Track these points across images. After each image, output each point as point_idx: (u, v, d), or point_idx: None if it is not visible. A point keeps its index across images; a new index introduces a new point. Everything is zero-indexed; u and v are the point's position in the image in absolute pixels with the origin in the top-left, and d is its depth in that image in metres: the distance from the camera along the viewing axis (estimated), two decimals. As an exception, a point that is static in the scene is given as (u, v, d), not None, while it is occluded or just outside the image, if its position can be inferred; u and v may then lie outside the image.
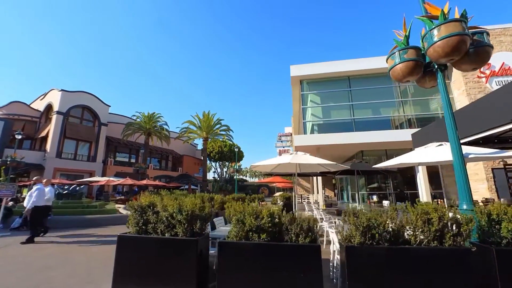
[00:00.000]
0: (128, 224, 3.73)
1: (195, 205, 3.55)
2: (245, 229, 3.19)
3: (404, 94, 15.15)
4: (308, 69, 15.47)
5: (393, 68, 5.14)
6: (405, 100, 15.08)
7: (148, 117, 29.69)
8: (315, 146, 14.75)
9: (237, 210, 3.30)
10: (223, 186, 42.42)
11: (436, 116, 14.97)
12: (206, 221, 3.53)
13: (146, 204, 3.71)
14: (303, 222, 3.20)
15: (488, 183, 12.56)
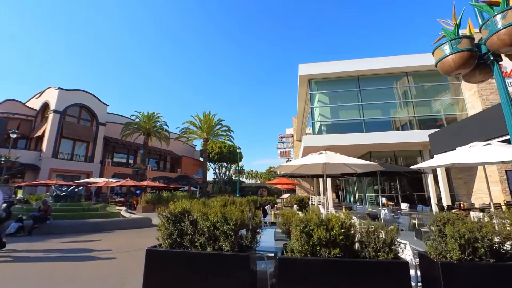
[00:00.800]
0: (159, 236, 3.00)
1: (242, 212, 2.85)
2: (312, 243, 2.52)
3: (410, 96, 14.73)
4: (317, 68, 14.92)
5: (443, 60, 4.54)
6: (413, 101, 14.64)
7: (148, 117, 28.75)
8: (324, 146, 14.15)
9: (300, 219, 2.62)
10: (222, 187, 41.57)
11: (439, 117, 14.59)
12: (257, 232, 2.84)
13: (179, 211, 2.99)
14: (384, 233, 2.55)
15: (502, 186, 12.15)
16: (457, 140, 8.63)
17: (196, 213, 2.91)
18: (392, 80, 15.02)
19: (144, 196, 16.48)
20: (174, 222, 2.90)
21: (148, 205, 16.49)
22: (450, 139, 9.11)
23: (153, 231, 8.83)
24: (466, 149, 5.42)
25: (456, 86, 14.46)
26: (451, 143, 9.09)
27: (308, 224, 2.57)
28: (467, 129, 8.36)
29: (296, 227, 2.57)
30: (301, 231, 2.54)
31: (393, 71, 14.84)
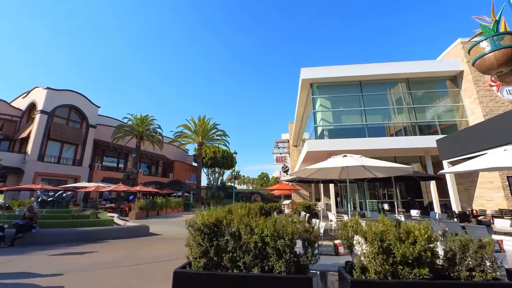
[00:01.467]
0: (188, 254, 2.36)
1: (296, 223, 2.27)
2: (393, 261, 1.97)
3: (412, 102, 14.66)
4: (319, 72, 14.65)
5: (484, 57, 4.30)
6: (414, 108, 14.56)
7: (141, 120, 27.74)
8: (327, 151, 13.78)
9: (374, 231, 2.07)
10: (215, 193, 40.57)
11: (440, 123, 14.56)
12: (315, 247, 2.26)
13: (212, 222, 2.37)
14: (478, 248, 2.03)
15: (504, 192, 12.07)
16: (471, 145, 8.42)
17: (236, 224, 2.30)
18: (393, 86, 14.95)
19: (137, 202, 15.48)
20: (209, 236, 2.28)
21: (142, 212, 15.49)
22: (463, 145, 8.88)
23: (153, 241, 8.05)
24: (502, 153, 5.07)
25: (456, 93, 14.50)
26: (464, 148, 8.88)
27: (386, 238, 2.02)
28: (481, 134, 8.14)
29: (372, 242, 2.02)
30: (379, 246, 1.99)
31: (394, 77, 14.77)
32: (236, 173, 24.23)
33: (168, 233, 9.35)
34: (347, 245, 2.30)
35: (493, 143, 7.24)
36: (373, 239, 2.04)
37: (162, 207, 18.45)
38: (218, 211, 2.59)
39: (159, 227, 11.02)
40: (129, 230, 8.56)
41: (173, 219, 15.28)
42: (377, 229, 2.10)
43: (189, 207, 24.54)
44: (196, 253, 2.26)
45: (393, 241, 2.01)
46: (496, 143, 7.03)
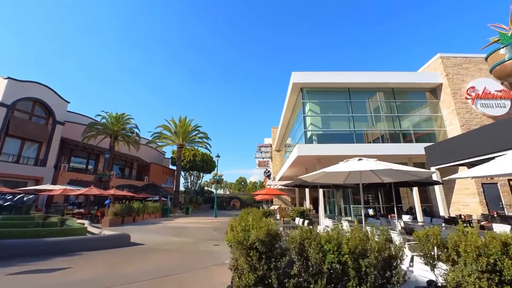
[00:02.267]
0: (238, 284, 1.75)
1: (369, 236, 1.79)
2: (498, 280, 1.57)
3: (396, 110, 15.17)
4: (310, 77, 14.61)
5: (504, 63, 4.31)
6: (399, 116, 15.08)
7: (116, 118, 25.74)
8: (317, 156, 13.68)
9: (475, 244, 1.66)
10: (194, 198, 39.01)
11: (420, 131, 15.23)
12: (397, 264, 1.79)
13: (262, 237, 1.80)
14: None
15: (479, 198, 12.78)
16: (461, 152, 8.70)
17: (298, 239, 1.76)
18: (380, 94, 15.38)
19: (112, 207, 14.02)
20: (265, 256, 1.70)
21: (117, 218, 14.05)
22: (451, 152, 9.16)
23: (136, 252, 6.97)
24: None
25: (435, 104, 15.28)
26: (453, 156, 9.17)
27: (489, 253, 1.62)
28: (471, 142, 8.43)
29: (477, 258, 1.60)
30: (487, 263, 1.58)
31: (380, 86, 15.20)
32: (218, 177, 23.33)
33: (151, 243, 8.38)
34: (430, 261, 1.87)
35: (482, 151, 7.49)
36: (476, 255, 1.63)
37: (139, 213, 17.01)
38: (263, 223, 2.01)
39: (139, 235, 9.93)
40: (107, 239, 7.47)
41: (152, 226, 14.06)
42: (476, 242, 1.69)
43: (167, 212, 23.07)
44: (249, 281, 1.66)
45: (499, 256, 1.61)
46: (485, 151, 7.27)
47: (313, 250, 1.66)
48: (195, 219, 20.59)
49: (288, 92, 16.07)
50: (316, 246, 1.68)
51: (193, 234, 10.83)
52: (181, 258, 6.14)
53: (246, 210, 6.17)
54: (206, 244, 8.08)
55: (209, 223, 16.73)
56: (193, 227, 14.02)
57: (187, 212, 27.22)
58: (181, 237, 9.70)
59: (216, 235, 10.41)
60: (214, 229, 12.96)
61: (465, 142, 8.93)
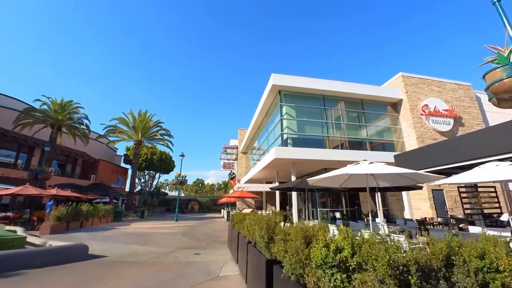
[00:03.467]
0: None
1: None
2: None
3: (364, 120, 16.19)
4: (289, 80, 14.59)
5: (502, 81, 4.71)
6: (366, 125, 16.10)
7: (61, 105, 22.03)
8: (292, 159, 13.65)
9: None
10: (148, 199, 35.87)
11: (380, 141, 16.58)
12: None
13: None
14: None
15: (430, 202, 14.34)
16: (430, 160, 9.56)
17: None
18: (350, 103, 16.23)
19: (54, 211, 11.63)
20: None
21: (60, 223, 11.70)
22: (421, 160, 9.99)
23: (101, 267, 5.57)
24: (494, 167, 5.54)
25: (395, 117, 16.78)
26: (419, 164, 10.01)
27: None
28: (441, 151, 9.28)
29: None
30: None
31: (350, 96, 16.04)
32: (182, 178, 21.71)
33: (115, 254, 7.01)
34: None
35: (452, 159, 8.28)
36: None
37: (88, 217, 14.61)
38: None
39: (96, 245, 8.29)
40: (59, 252, 5.92)
41: (107, 233, 12.13)
42: None
43: (120, 216, 20.50)
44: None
45: None
46: (447, 162, 8.06)
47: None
48: (153, 223, 18.69)
49: (265, 94, 15.81)
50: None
51: (161, 241, 9.57)
52: (164, 273, 5.16)
53: (253, 216, 5.47)
54: (185, 254, 7.10)
55: (172, 227, 15.28)
56: (156, 233, 12.54)
57: (142, 216, 24.73)
58: (150, 246, 8.44)
59: (190, 242, 9.38)
60: (182, 234, 11.77)
61: (429, 153, 9.85)
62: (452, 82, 17.69)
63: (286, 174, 19.14)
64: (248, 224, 5.46)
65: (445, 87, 17.32)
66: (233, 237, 6.93)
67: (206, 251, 7.58)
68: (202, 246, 8.54)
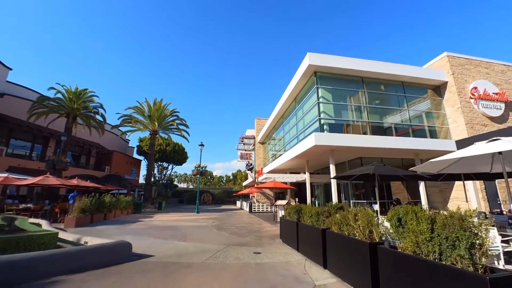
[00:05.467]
0: None
1: None
2: None
3: (406, 105, 14.65)
4: (326, 59, 13.07)
5: None
6: (408, 111, 14.55)
7: (76, 94, 20.93)
8: (332, 147, 12.29)
9: None
10: (163, 191, 35.08)
11: (423, 128, 15.03)
12: None
13: None
14: None
15: (482, 194, 12.89)
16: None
17: None
18: (392, 87, 14.68)
19: (78, 202, 10.58)
20: None
21: (85, 216, 10.67)
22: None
23: (151, 272, 3.98)
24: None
25: (437, 102, 15.17)
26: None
27: None
28: None
29: None
30: None
31: (390, 78, 14.47)
32: (202, 168, 20.59)
33: (159, 252, 5.85)
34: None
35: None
36: None
37: (111, 209, 13.62)
38: None
39: (132, 240, 7.14)
40: (100, 252, 4.76)
41: (134, 226, 11.07)
42: None
43: (140, 208, 19.59)
44: None
45: None
46: None
47: None
48: (175, 215, 17.69)
49: (297, 76, 14.36)
50: None
51: (201, 236, 8.42)
52: (240, 281, 3.96)
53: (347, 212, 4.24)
54: (242, 252, 5.90)
55: (198, 220, 14.21)
56: (186, 226, 11.42)
57: (160, 207, 23.84)
58: (193, 242, 7.28)
59: (233, 238, 8.19)
60: (216, 228, 10.62)
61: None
62: (501, 63, 15.92)
63: (317, 163, 17.82)
64: (341, 220, 4.20)
65: (493, 68, 15.57)
66: (303, 233, 5.68)
67: (264, 249, 6.37)
68: (252, 242, 7.34)
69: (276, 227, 10.97)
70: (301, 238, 5.71)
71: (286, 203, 12.21)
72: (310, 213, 5.49)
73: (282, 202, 12.22)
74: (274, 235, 8.69)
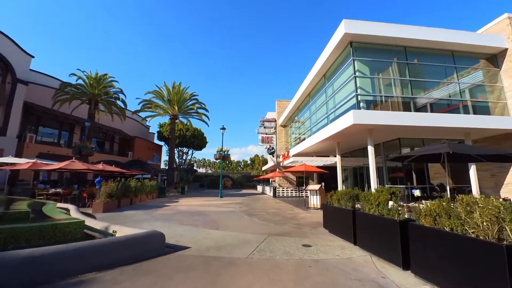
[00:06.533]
0: None
1: None
2: None
3: (456, 78, 12.71)
4: (365, 26, 11.42)
5: None
6: (459, 84, 12.64)
7: (96, 79, 20.67)
8: (371, 126, 10.94)
9: None
10: (184, 176, 35.35)
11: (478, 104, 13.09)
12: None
13: None
14: None
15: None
16: None
17: None
18: (441, 58, 12.75)
19: (104, 187, 10.27)
20: None
21: (112, 201, 10.38)
22: None
23: (187, 271, 3.06)
24: None
25: (492, 74, 13.06)
26: None
27: None
28: None
29: None
30: None
31: (437, 46, 12.52)
32: (224, 152, 19.98)
33: (195, 242, 5.17)
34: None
35: None
36: None
37: (137, 194, 13.39)
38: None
39: (162, 227, 6.55)
40: (131, 245, 4.10)
41: (161, 211, 10.67)
42: None
43: (164, 192, 19.53)
44: None
45: None
46: None
47: None
48: (199, 200, 17.39)
49: (329, 49, 12.84)
50: None
51: (233, 224, 7.72)
52: (307, 285, 3.10)
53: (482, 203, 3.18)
54: (289, 245, 5.07)
55: (224, 205, 13.68)
56: (214, 211, 10.86)
57: (183, 192, 23.85)
58: (227, 231, 6.56)
59: (269, 226, 7.40)
60: (247, 214, 9.92)
61: None
62: None
63: (348, 146, 16.50)
64: (437, 211, 3.13)
65: None
66: (364, 224, 4.71)
67: (311, 240, 5.49)
68: (293, 232, 6.50)
69: (310, 213, 10.10)
70: (362, 230, 4.73)
71: (319, 188, 11.21)
72: (378, 200, 4.45)
73: (315, 187, 11.24)
74: (314, 223, 7.81)
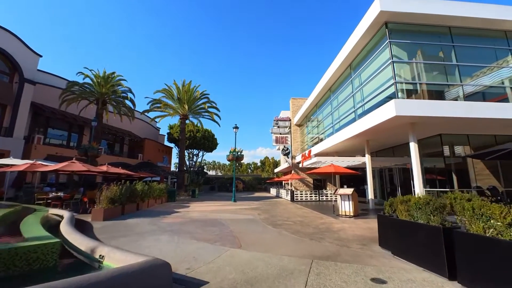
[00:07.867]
0: None
1: None
2: None
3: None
4: (405, 3, 9.73)
5: None
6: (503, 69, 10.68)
7: (104, 78, 19.76)
8: (417, 118, 9.18)
9: None
10: (195, 179, 34.21)
11: None
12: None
13: None
14: None
15: None
16: None
17: None
18: (491, 40, 10.85)
19: (105, 190, 8.99)
20: None
21: (115, 207, 9.08)
22: None
23: None
24: None
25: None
26: None
27: None
28: None
29: None
30: None
31: (490, 26, 10.64)
32: (237, 153, 18.55)
33: (214, 272, 3.66)
34: None
35: None
36: None
37: (143, 198, 12.09)
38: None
39: (169, 244, 5.10)
40: (120, 285, 2.68)
41: (170, 219, 9.27)
42: None
43: (174, 196, 18.25)
44: None
45: None
46: None
47: None
48: (211, 204, 15.97)
49: (360, 32, 11.19)
50: None
51: (258, 238, 6.18)
52: None
53: None
54: (351, 280, 3.49)
55: (239, 211, 12.16)
56: (230, 219, 9.34)
57: (194, 195, 22.54)
58: (252, 250, 5.02)
59: (304, 242, 5.80)
60: (271, 225, 8.33)
61: None
62: None
63: (377, 144, 14.68)
64: None
65: None
66: (471, 250, 3.07)
67: (377, 269, 3.87)
68: (342, 252, 4.87)
69: (345, 223, 8.42)
70: (468, 259, 3.09)
71: (351, 192, 9.52)
72: (502, 214, 2.81)
73: (347, 191, 9.55)
74: (360, 237, 6.15)
